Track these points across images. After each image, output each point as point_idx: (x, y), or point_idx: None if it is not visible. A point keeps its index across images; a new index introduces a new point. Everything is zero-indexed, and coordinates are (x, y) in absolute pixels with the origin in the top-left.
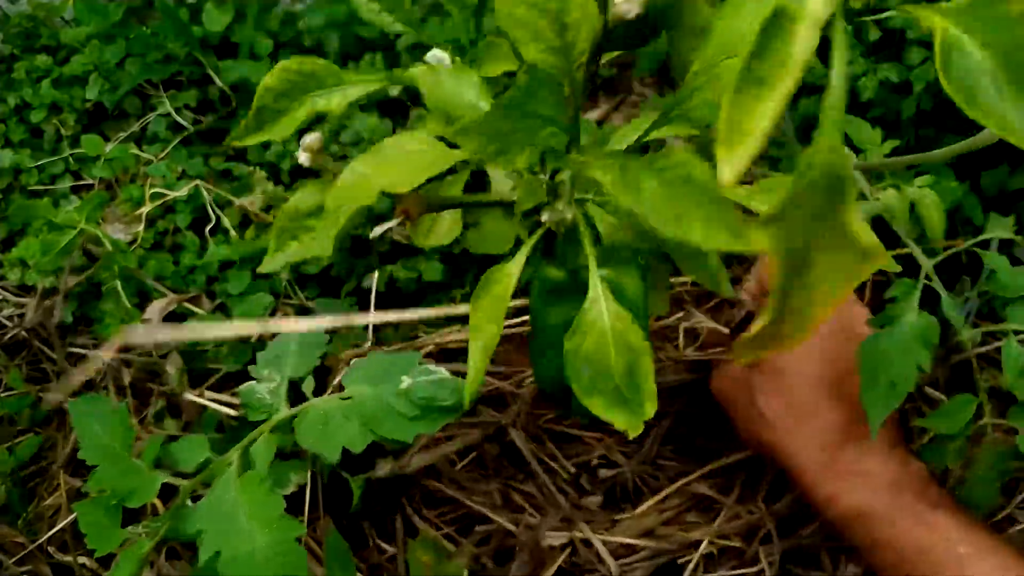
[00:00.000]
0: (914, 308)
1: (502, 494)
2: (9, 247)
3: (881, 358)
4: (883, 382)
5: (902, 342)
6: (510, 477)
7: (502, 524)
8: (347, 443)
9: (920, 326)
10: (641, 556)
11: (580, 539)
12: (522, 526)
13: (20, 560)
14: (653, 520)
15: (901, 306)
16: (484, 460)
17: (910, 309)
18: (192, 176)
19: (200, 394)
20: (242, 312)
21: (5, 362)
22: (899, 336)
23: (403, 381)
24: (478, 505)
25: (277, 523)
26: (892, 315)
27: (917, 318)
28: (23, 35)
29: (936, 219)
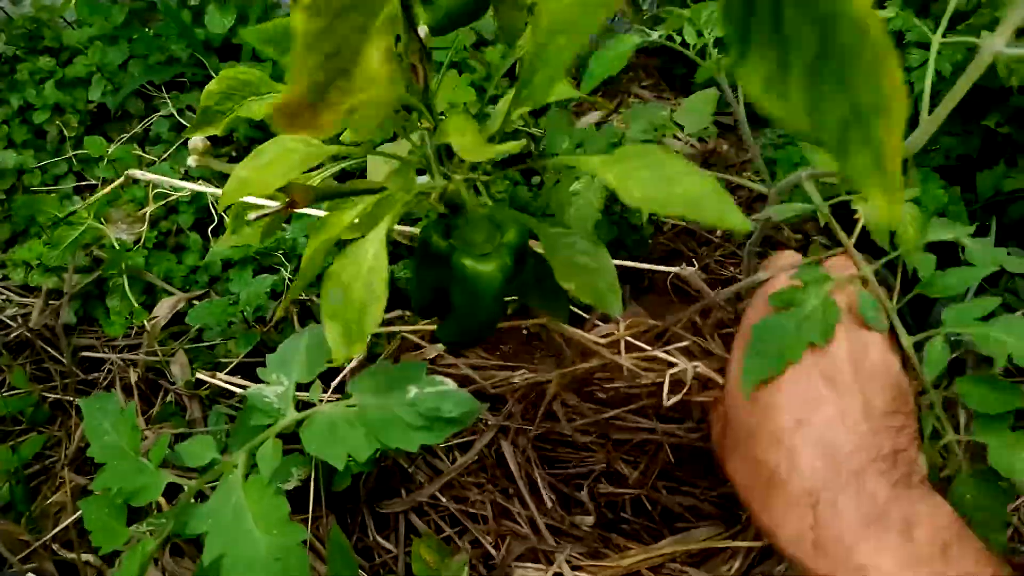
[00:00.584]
0: (823, 296)
1: (493, 507)
2: (12, 248)
3: (777, 330)
4: (772, 350)
5: (800, 319)
6: (503, 489)
7: (484, 544)
8: (352, 451)
9: (822, 310)
10: None
11: (556, 573)
12: (504, 548)
13: (24, 558)
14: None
15: (808, 291)
16: (484, 465)
17: (818, 295)
18: (194, 177)
19: (212, 375)
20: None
21: (9, 362)
22: (798, 315)
23: (409, 391)
24: (467, 520)
25: (281, 527)
26: (794, 298)
27: (820, 304)
28: (26, 37)
29: (911, 235)
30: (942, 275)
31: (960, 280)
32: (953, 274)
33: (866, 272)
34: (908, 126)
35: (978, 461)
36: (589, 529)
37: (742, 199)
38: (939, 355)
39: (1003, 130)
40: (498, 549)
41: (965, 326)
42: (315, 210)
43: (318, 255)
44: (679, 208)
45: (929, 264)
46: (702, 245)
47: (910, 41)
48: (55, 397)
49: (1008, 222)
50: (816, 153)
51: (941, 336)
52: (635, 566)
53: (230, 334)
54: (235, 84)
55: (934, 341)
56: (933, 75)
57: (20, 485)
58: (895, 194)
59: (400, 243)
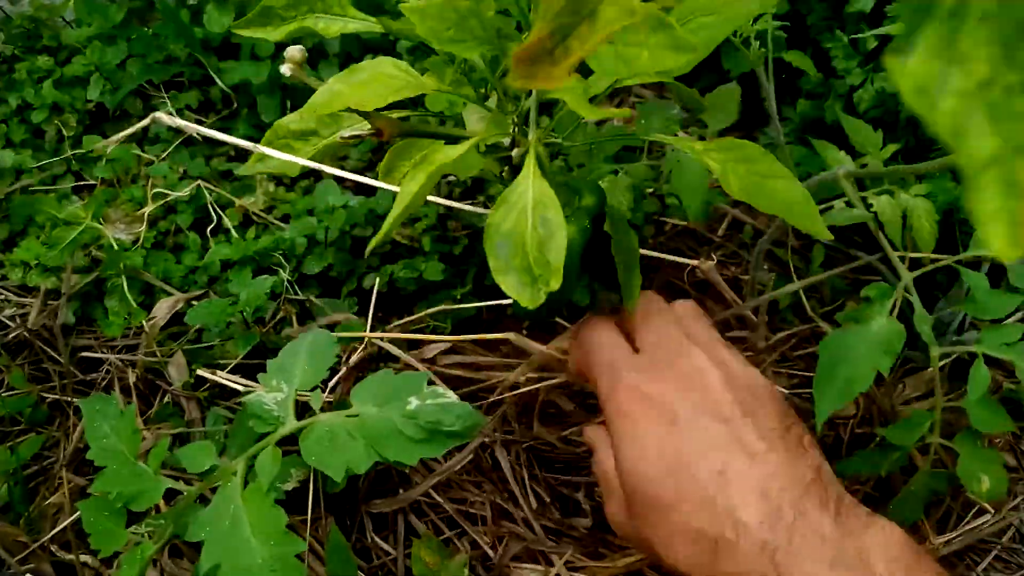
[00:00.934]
0: (885, 313)
1: (492, 507)
2: (11, 248)
3: (843, 354)
4: (840, 377)
5: (867, 343)
6: (501, 491)
7: (482, 545)
8: (351, 462)
9: (887, 331)
10: None
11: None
12: (500, 548)
13: (23, 559)
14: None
15: (874, 308)
16: (481, 467)
17: (882, 313)
18: (193, 176)
19: (213, 372)
20: (247, 311)
21: (7, 362)
22: (865, 337)
23: (410, 403)
24: (464, 521)
25: (278, 537)
26: (863, 315)
27: (887, 323)
28: (24, 36)
29: (927, 229)
30: (995, 296)
31: (1007, 304)
32: (1000, 297)
33: (907, 279)
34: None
35: (937, 465)
36: (586, 531)
37: None
38: (983, 379)
39: None
40: (495, 549)
41: (1001, 350)
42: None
43: (427, 186)
44: (776, 208)
45: (982, 284)
46: (702, 245)
47: None
48: (53, 397)
49: None
50: (838, 152)
51: (981, 358)
52: (634, 565)
53: (228, 335)
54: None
55: (978, 364)
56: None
57: (18, 486)
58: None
59: (400, 243)
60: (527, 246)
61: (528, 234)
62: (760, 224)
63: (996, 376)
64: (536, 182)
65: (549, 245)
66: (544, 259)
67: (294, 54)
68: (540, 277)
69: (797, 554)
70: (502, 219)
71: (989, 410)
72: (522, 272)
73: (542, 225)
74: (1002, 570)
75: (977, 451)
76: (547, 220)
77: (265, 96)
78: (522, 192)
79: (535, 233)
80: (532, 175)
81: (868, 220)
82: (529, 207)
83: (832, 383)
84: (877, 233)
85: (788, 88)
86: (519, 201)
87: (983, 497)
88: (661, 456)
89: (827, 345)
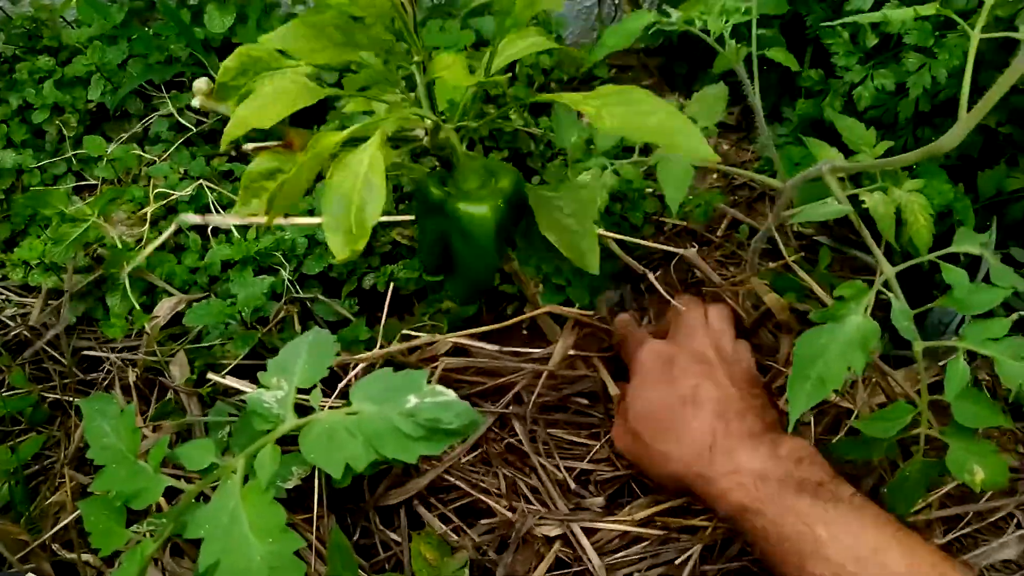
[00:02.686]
0: (861, 311)
1: (508, 485)
2: (12, 248)
3: (816, 353)
4: (813, 376)
5: (841, 341)
6: (516, 471)
7: (503, 514)
8: (351, 460)
9: (862, 329)
10: (640, 547)
11: (573, 532)
12: (518, 514)
13: (24, 557)
14: (651, 511)
15: (849, 306)
16: (488, 456)
17: (857, 311)
18: (194, 176)
19: (222, 376)
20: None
21: (8, 362)
22: (839, 335)
23: (409, 401)
24: (481, 495)
25: (277, 535)
26: (837, 313)
27: (862, 321)
28: (25, 36)
29: (922, 225)
30: (975, 291)
31: (988, 299)
32: (981, 292)
33: (889, 274)
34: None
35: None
36: (600, 509)
37: (742, 199)
38: (961, 374)
39: (1004, 130)
40: (514, 512)
41: (984, 346)
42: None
43: (304, 170)
44: (650, 136)
45: (962, 279)
46: (702, 245)
47: (908, 44)
48: (54, 397)
49: (1009, 222)
50: (830, 150)
51: (960, 353)
52: (649, 516)
53: (229, 335)
54: (248, 60)
55: (956, 359)
56: (971, 71)
57: (19, 485)
58: None
59: (400, 243)
60: (353, 207)
61: (356, 196)
62: (759, 224)
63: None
64: (373, 151)
65: (368, 208)
66: (362, 220)
67: (201, 86)
68: (355, 238)
69: (730, 429)
70: (340, 181)
71: (974, 404)
72: (346, 233)
73: (367, 189)
74: (1002, 569)
75: (968, 443)
76: (372, 185)
77: None
78: (360, 159)
79: (360, 196)
80: (373, 145)
81: (851, 214)
82: (362, 173)
83: (805, 382)
84: (861, 228)
85: (788, 87)
86: (356, 167)
87: (977, 487)
88: (653, 394)
89: (801, 344)
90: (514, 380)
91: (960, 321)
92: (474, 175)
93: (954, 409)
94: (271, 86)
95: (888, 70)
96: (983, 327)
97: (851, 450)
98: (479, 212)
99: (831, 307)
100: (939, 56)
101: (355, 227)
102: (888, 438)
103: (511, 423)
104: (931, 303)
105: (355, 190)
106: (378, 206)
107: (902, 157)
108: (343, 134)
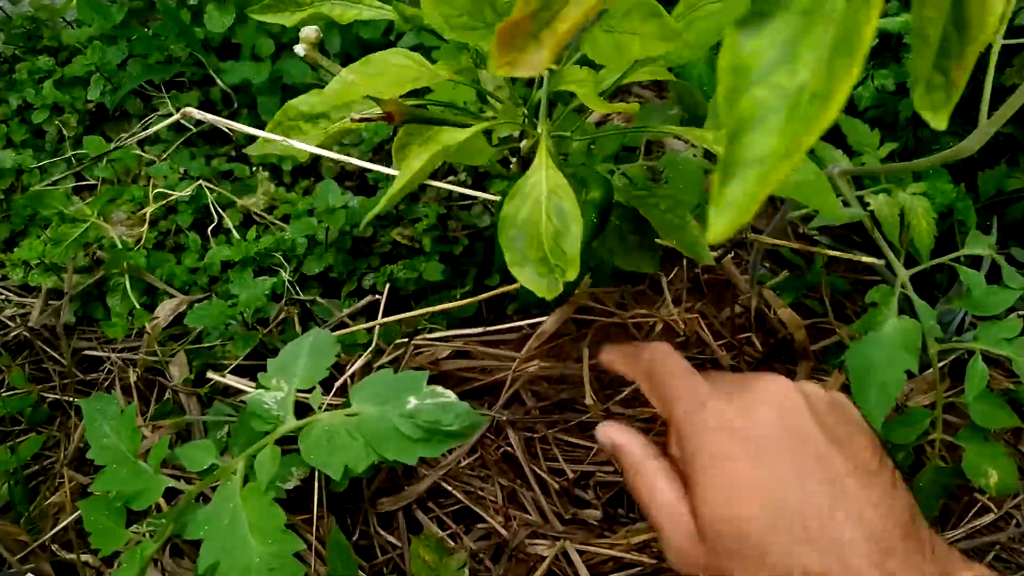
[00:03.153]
0: (893, 313)
1: (505, 495)
2: (12, 248)
3: (869, 363)
4: (874, 384)
5: (887, 347)
6: (513, 479)
7: (498, 532)
8: (350, 462)
9: (902, 330)
10: (635, 570)
11: (564, 551)
12: (513, 530)
13: (23, 558)
14: (646, 537)
15: (882, 311)
16: (486, 462)
17: (890, 315)
18: (194, 177)
19: (222, 375)
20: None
21: (7, 362)
22: (883, 341)
23: (409, 402)
24: (477, 506)
25: (277, 536)
26: (873, 320)
27: (898, 322)
28: (25, 36)
29: (924, 228)
30: (991, 293)
31: (1004, 300)
32: (997, 294)
33: (904, 277)
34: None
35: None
36: (596, 523)
37: None
38: (981, 375)
39: (1004, 130)
40: (508, 530)
41: (999, 346)
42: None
43: (429, 165)
44: (788, 190)
45: (979, 281)
46: None
47: (908, 43)
48: (54, 397)
49: (1009, 222)
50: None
51: (978, 354)
52: (644, 542)
53: (230, 335)
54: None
55: (975, 361)
56: (992, 79)
57: (19, 485)
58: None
59: (400, 243)
60: (542, 236)
61: (543, 224)
62: (760, 224)
63: (996, 374)
64: (550, 172)
65: (565, 235)
66: (560, 249)
67: (309, 34)
68: (556, 268)
69: None
70: (516, 209)
71: (990, 406)
72: (538, 263)
73: (557, 215)
74: (1002, 569)
75: (983, 446)
76: (562, 210)
77: (265, 96)
78: (536, 182)
79: (550, 223)
80: (546, 165)
81: (864, 218)
82: (544, 197)
83: (869, 392)
84: (873, 232)
85: None
86: (533, 191)
87: (992, 491)
88: (757, 494)
89: (852, 357)
90: (515, 377)
91: (961, 322)
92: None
93: (972, 410)
94: (380, 59)
95: (888, 70)
96: (997, 328)
97: None
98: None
99: (867, 315)
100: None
101: (552, 256)
102: (908, 444)
103: (506, 430)
104: (933, 305)
105: (540, 218)
106: (577, 230)
107: (916, 163)
108: (467, 132)
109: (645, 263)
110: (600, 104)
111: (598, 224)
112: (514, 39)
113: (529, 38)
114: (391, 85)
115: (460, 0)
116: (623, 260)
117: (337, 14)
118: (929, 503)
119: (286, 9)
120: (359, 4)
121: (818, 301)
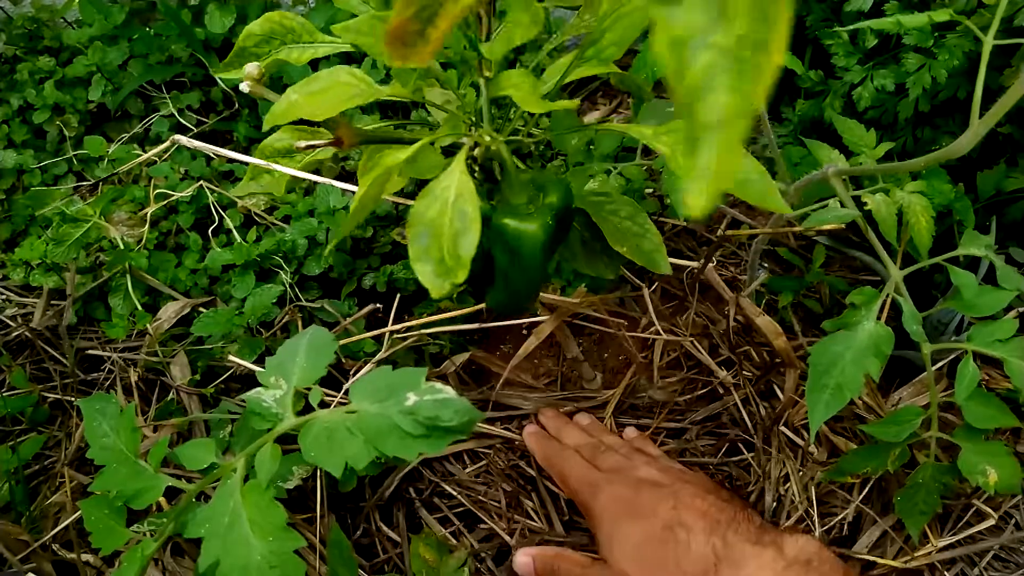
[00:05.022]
0: (873, 317)
1: (508, 501)
2: (13, 248)
3: (832, 361)
4: (830, 385)
5: (856, 348)
6: (520, 487)
7: (498, 531)
8: (350, 459)
9: (875, 335)
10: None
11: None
12: (516, 536)
13: (24, 558)
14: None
15: (861, 313)
16: (491, 470)
17: (869, 317)
18: (195, 177)
19: (235, 364)
20: (253, 320)
21: (8, 362)
22: (853, 342)
23: (408, 399)
24: (479, 510)
25: (277, 534)
26: (850, 321)
27: (874, 327)
28: (26, 36)
29: (923, 225)
30: (983, 293)
31: (996, 302)
32: (989, 295)
33: (897, 278)
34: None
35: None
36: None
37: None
38: (972, 375)
39: (1003, 130)
40: (511, 536)
41: (992, 347)
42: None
43: (375, 188)
44: (732, 188)
45: (971, 282)
46: (702, 245)
47: (908, 44)
48: (55, 397)
49: (1008, 222)
50: (831, 151)
51: (970, 355)
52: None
53: (232, 338)
54: (278, 28)
55: (966, 360)
56: (983, 77)
57: (20, 485)
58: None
59: (400, 243)
60: (443, 238)
61: (447, 226)
62: (759, 224)
63: (996, 375)
64: (460, 177)
65: (462, 239)
66: (456, 252)
67: (252, 71)
68: (451, 270)
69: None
70: (427, 208)
71: (984, 406)
72: (437, 263)
73: (459, 219)
74: (1001, 570)
75: (980, 445)
76: (464, 213)
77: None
78: (447, 186)
79: (452, 226)
80: (458, 169)
81: (858, 219)
82: (451, 200)
83: (822, 391)
84: (867, 231)
85: (788, 88)
86: (443, 193)
87: (991, 489)
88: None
89: (816, 353)
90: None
91: (959, 322)
92: (523, 190)
93: (964, 410)
94: (326, 76)
95: (888, 70)
96: (990, 328)
97: (861, 463)
98: (529, 230)
99: (844, 314)
100: (939, 56)
101: (448, 258)
102: (899, 442)
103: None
104: (932, 305)
105: (444, 220)
106: (474, 237)
107: (911, 162)
108: (409, 151)
109: (607, 269)
110: (537, 104)
111: (556, 228)
112: (403, 38)
113: (416, 36)
114: (331, 105)
115: (358, 22)
116: (585, 265)
117: (295, 57)
118: (929, 499)
119: (246, 63)
120: (313, 44)
121: (818, 301)
